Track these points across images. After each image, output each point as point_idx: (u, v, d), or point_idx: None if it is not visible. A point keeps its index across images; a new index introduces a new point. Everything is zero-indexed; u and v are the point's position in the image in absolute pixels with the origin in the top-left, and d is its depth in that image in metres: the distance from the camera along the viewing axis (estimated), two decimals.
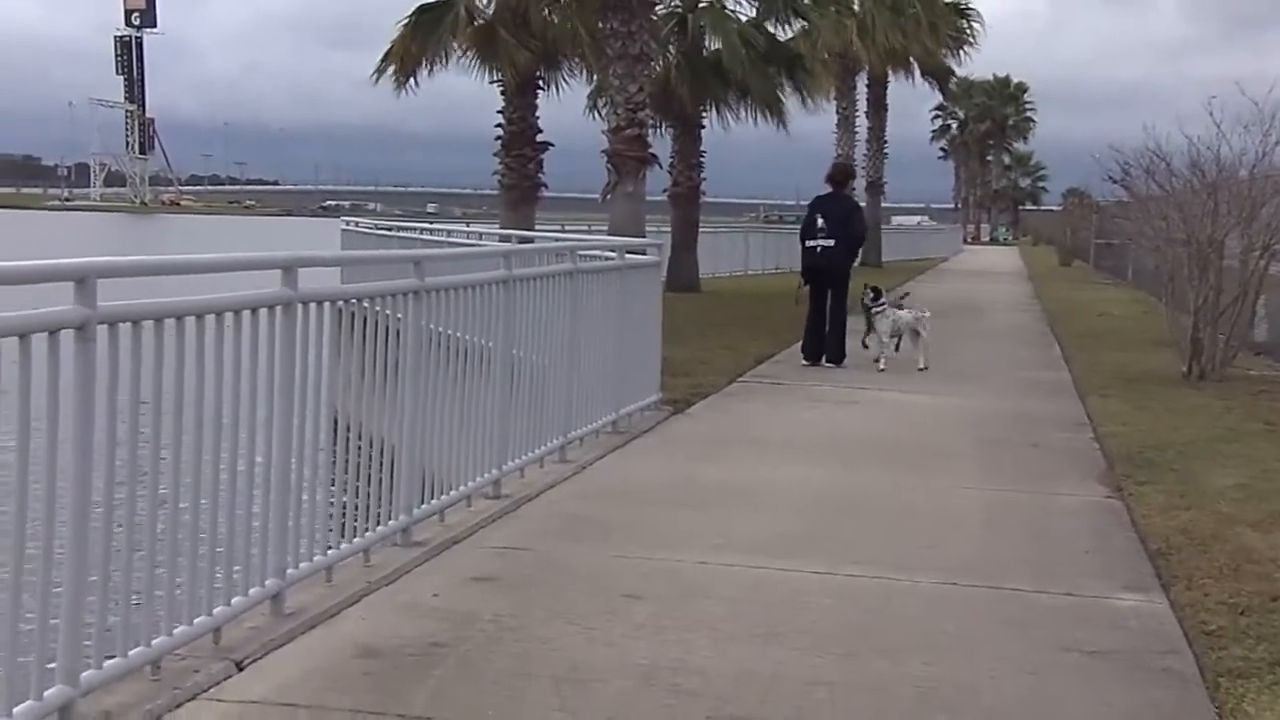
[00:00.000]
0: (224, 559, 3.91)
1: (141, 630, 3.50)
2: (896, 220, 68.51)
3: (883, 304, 12.06)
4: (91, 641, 3.27)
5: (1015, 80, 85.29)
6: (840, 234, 11.71)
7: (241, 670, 3.78)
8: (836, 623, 4.47)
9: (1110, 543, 5.75)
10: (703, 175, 24.51)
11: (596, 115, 22.55)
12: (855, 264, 12.44)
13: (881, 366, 11.74)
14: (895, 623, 4.50)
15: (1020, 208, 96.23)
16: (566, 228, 22.88)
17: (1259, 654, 4.13)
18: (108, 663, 3.34)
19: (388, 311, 5.17)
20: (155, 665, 3.58)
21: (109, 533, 3.32)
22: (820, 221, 11.76)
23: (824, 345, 11.92)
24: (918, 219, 76.92)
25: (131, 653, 3.44)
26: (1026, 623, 4.53)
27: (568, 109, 23.37)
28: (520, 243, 11.90)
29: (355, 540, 4.83)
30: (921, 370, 11.68)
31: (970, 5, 35.99)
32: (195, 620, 3.73)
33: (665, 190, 23.97)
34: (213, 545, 3.84)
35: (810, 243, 11.83)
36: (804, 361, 11.95)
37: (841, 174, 12.69)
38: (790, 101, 24.23)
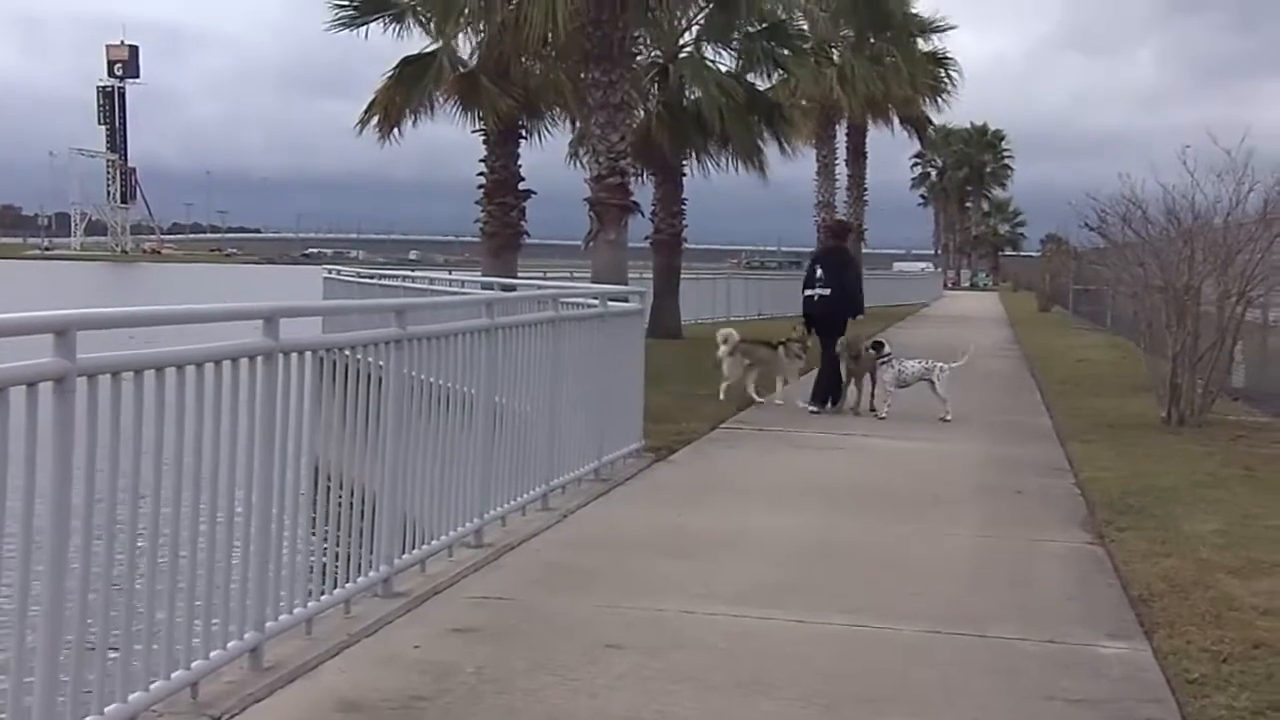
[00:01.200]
0: (202, 612, 3.87)
1: (118, 686, 3.46)
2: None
3: (887, 354, 12.11)
4: (66, 699, 3.23)
5: (993, 128, 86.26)
6: (836, 283, 12.29)
7: None
8: (820, 672, 4.45)
9: (1093, 589, 5.75)
10: (684, 222, 24.64)
11: (578, 164, 22.70)
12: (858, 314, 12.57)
13: (882, 415, 11.73)
14: (879, 672, 4.48)
15: (999, 253, 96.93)
16: (549, 275, 22.93)
17: (1241, 702, 4.13)
18: None
19: (370, 359, 5.17)
20: None
21: (86, 587, 3.29)
22: (819, 272, 12.42)
23: (825, 386, 12.29)
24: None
25: (108, 709, 3.40)
26: (1010, 671, 4.52)
27: (550, 157, 23.52)
28: (503, 290, 11.93)
29: (335, 591, 4.79)
30: (945, 421, 11.51)
31: (948, 55, 36.40)
32: (173, 675, 3.69)
33: (647, 237, 24.07)
34: (191, 598, 3.80)
35: (809, 291, 12.47)
36: (811, 407, 12.14)
37: (840, 228, 13.74)
38: (770, 149, 24.45)
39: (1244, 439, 10.58)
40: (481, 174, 21.57)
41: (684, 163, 24.17)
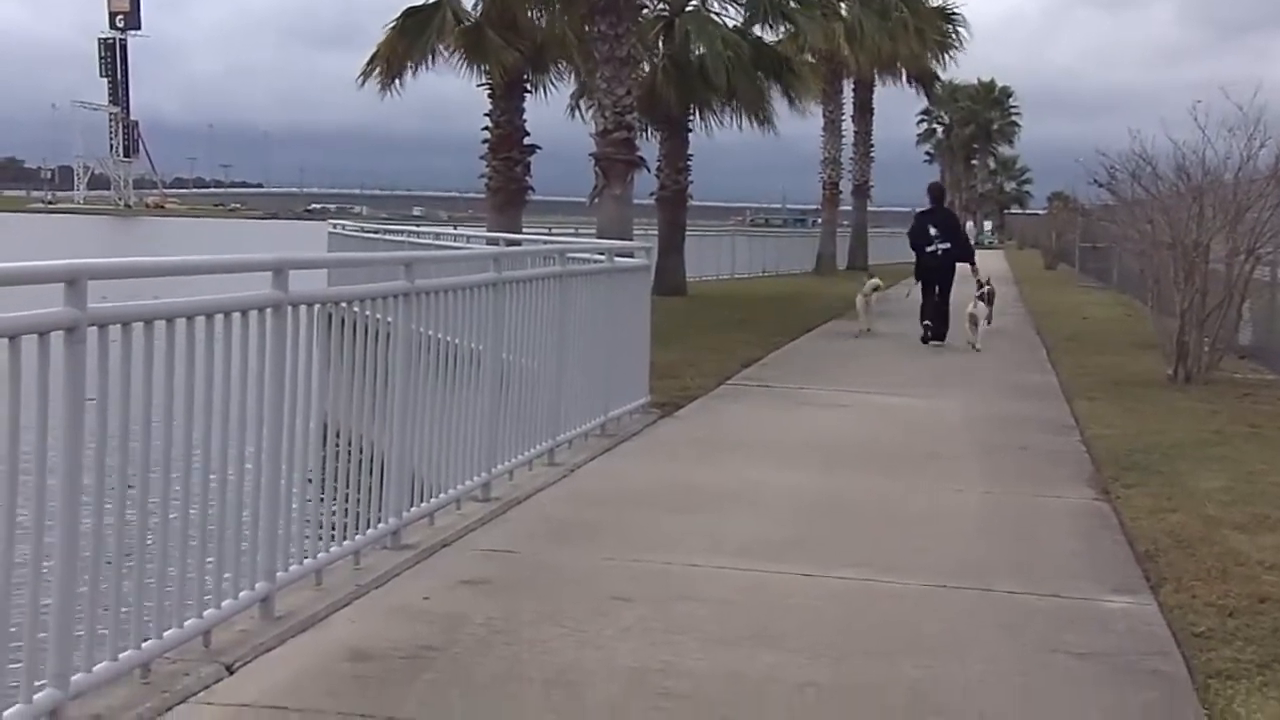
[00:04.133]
0: (214, 561, 3.90)
1: (131, 633, 3.49)
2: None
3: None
4: (81, 645, 3.25)
5: (1000, 85, 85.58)
6: (952, 239, 14.82)
7: (232, 673, 3.77)
8: (827, 625, 4.47)
9: (1098, 545, 5.77)
10: (690, 178, 24.52)
11: (580, 115, 22.59)
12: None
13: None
14: (885, 625, 4.50)
15: (1005, 211, 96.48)
16: (554, 231, 22.86)
17: (1247, 655, 4.15)
18: (97, 666, 3.33)
19: (377, 315, 5.16)
20: (145, 668, 3.56)
21: (99, 535, 3.30)
22: (933, 231, 14.77)
23: (935, 328, 14.55)
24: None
25: (121, 656, 3.43)
26: (1016, 625, 4.54)
27: (555, 112, 23.37)
28: (508, 245, 11.90)
29: (345, 543, 4.81)
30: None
31: (956, 10, 36.03)
32: (185, 623, 3.72)
33: (652, 193, 23.97)
34: (203, 548, 3.82)
35: (929, 248, 14.73)
36: (923, 342, 14.47)
37: (940, 191, 15.95)
38: (779, 105, 24.29)
39: (1250, 397, 10.58)
40: (486, 129, 21.46)
41: (690, 118, 24.03)
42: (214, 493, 3.87)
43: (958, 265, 14.94)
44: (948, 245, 14.73)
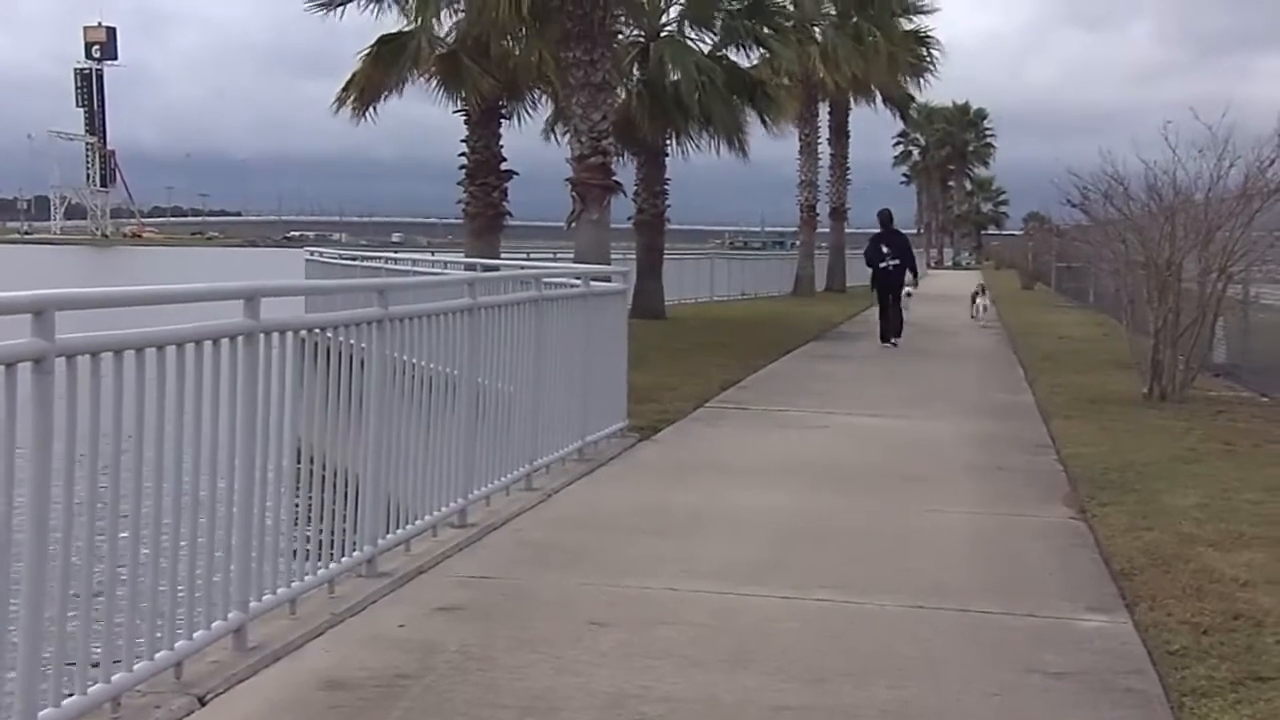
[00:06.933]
0: (185, 592, 3.86)
1: (101, 666, 3.45)
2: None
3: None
4: (49, 679, 3.22)
5: (975, 107, 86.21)
6: (901, 257, 17.87)
7: (204, 705, 3.73)
8: (804, 648, 4.47)
9: (1074, 564, 5.78)
10: (667, 202, 24.58)
11: (555, 139, 22.64)
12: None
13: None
14: (862, 647, 4.50)
15: (982, 232, 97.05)
16: (531, 256, 22.87)
17: (1222, 673, 4.16)
18: (66, 701, 3.29)
19: (352, 341, 5.15)
20: (115, 702, 3.53)
21: (67, 567, 3.27)
22: (885, 249, 17.82)
23: (890, 330, 17.43)
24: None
25: (91, 690, 3.39)
26: (992, 645, 4.55)
27: (531, 138, 23.42)
28: (485, 271, 11.90)
29: (320, 572, 4.78)
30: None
31: (930, 33, 36.24)
32: (156, 655, 3.68)
33: (630, 217, 24.02)
34: (174, 578, 3.79)
35: (882, 265, 17.79)
36: (882, 344, 17.29)
37: (888, 217, 18.51)
38: (754, 128, 24.39)
39: (1224, 414, 10.64)
40: (463, 155, 21.48)
41: (666, 143, 24.11)
42: (185, 523, 3.85)
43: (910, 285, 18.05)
44: (897, 262, 17.78)
